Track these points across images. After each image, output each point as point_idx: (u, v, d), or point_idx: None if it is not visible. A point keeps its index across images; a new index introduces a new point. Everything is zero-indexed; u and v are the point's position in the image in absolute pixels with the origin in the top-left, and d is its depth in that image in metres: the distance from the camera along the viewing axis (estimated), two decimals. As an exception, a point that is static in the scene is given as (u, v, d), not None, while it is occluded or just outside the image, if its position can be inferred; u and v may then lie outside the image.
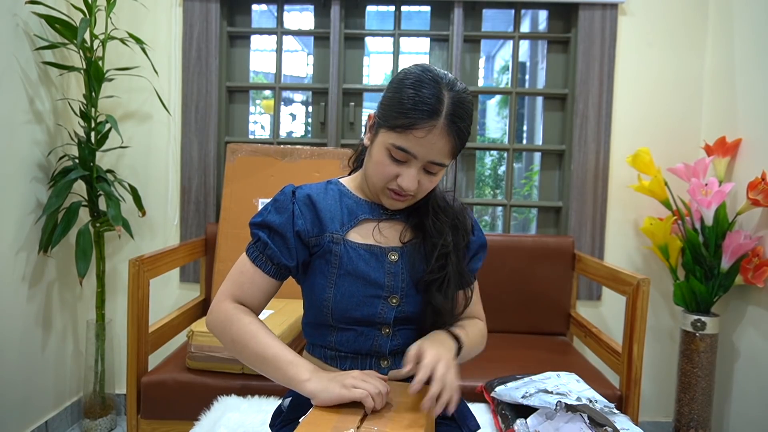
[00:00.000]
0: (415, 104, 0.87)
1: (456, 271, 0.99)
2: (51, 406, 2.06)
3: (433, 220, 0.99)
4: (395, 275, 0.96)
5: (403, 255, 0.98)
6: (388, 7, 2.35)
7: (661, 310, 2.26)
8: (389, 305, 0.96)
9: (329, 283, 0.95)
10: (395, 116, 0.88)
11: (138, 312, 1.59)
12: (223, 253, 2.02)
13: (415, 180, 0.92)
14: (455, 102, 0.88)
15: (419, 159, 0.90)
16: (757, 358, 1.89)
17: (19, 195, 1.86)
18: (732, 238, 1.86)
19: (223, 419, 1.31)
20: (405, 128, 0.87)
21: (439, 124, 0.87)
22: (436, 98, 0.87)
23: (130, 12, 2.16)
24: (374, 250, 0.97)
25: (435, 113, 0.87)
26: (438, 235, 0.98)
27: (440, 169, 0.93)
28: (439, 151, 0.89)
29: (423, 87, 0.88)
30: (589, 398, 1.17)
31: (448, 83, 0.89)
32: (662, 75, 2.21)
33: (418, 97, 0.87)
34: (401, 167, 0.91)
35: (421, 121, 0.86)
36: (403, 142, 0.89)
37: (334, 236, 0.96)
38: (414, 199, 0.97)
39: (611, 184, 2.22)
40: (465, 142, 0.93)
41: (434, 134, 0.87)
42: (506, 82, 4.13)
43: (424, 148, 0.88)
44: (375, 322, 0.96)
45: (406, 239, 0.99)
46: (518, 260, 2.09)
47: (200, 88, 2.22)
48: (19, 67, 1.84)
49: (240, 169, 2.07)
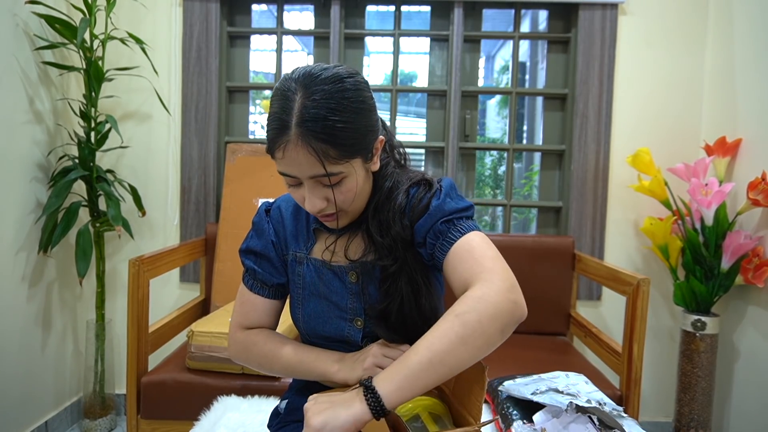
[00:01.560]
0: (270, 119, 0.79)
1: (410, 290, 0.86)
2: (51, 406, 2.06)
3: (376, 237, 0.87)
4: (357, 296, 0.91)
5: (362, 275, 0.90)
6: (388, 7, 2.35)
7: (661, 310, 2.26)
8: (355, 327, 0.92)
9: (297, 303, 0.96)
10: (267, 137, 0.81)
11: (138, 312, 1.59)
12: (223, 253, 2.02)
13: (315, 199, 0.82)
14: (307, 102, 0.76)
15: (301, 177, 0.80)
16: (757, 358, 1.89)
17: (19, 195, 1.86)
18: (732, 238, 1.86)
19: (223, 419, 1.31)
20: (270, 150, 0.80)
21: (290, 137, 0.76)
22: (282, 110, 0.77)
23: (130, 12, 2.16)
24: (335, 269, 0.92)
25: (284, 128, 0.76)
26: (384, 252, 0.86)
27: (338, 178, 0.79)
28: (307, 164, 0.77)
29: (273, 102, 0.80)
30: (598, 401, 1.17)
31: (304, 83, 0.77)
32: (662, 75, 2.21)
33: (272, 110, 0.79)
34: (301, 189, 0.83)
35: (276, 140, 0.77)
36: (277, 165, 0.81)
37: (297, 255, 0.95)
38: (347, 213, 0.87)
39: (611, 184, 2.22)
40: (344, 138, 0.77)
41: (290, 150, 0.76)
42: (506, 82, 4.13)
43: (292, 167, 0.79)
44: (346, 341, 0.94)
45: (354, 256, 0.90)
46: (518, 260, 2.08)
47: (200, 88, 2.22)
48: (19, 67, 1.84)
49: (240, 169, 2.07)
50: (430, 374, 0.71)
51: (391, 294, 0.86)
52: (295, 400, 0.99)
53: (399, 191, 0.88)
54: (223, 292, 2.00)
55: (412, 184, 0.89)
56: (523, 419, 1.17)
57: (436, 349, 0.71)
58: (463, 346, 0.71)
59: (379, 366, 0.83)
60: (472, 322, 0.71)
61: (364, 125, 0.80)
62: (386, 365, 0.78)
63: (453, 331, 0.71)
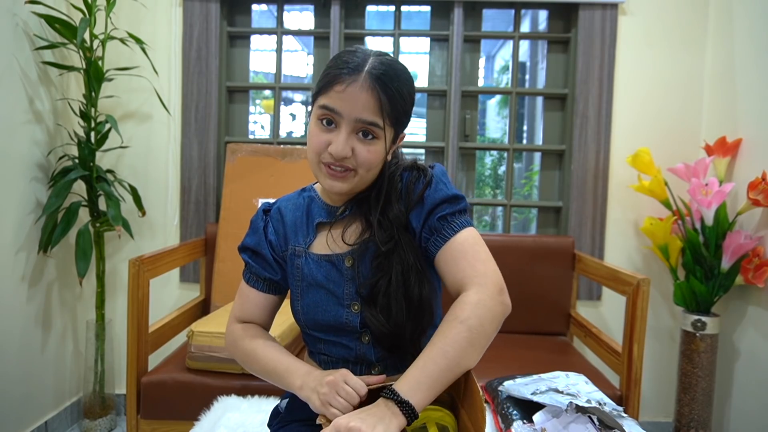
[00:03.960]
0: (337, 64, 0.88)
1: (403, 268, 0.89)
2: (51, 406, 2.06)
3: (374, 213, 0.92)
4: (353, 281, 0.93)
5: (356, 258, 0.93)
6: (388, 7, 2.35)
7: (661, 310, 2.26)
8: (352, 312, 0.94)
9: (297, 295, 0.98)
10: (321, 79, 0.89)
11: (138, 312, 1.60)
12: (223, 253, 2.02)
13: (346, 144, 0.87)
14: (380, 62, 0.87)
15: (345, 117, 0.86)
16: (757, 358, 1.89)
17: (19, 195, 1.86)
18: (732, 238, 1.86)
19: (223, 419, 1.31)
20: (327, 85, 0.87)
21: (360, 78, 0.85)
22: (360, 59, 0.87)
23: (130, 12, 2.16)
24: (332, 258, 0.95)
25: (356, 69, 0.86)
26: (380, 231, 0.91)
27: (376, 134, 0.87)
28: (364, 105, 0.85)
29: (350, 53, 0.89)
30: (598, 401, 1.17)
31: (377, 53, 0.89)
32: (662, 75, 2.21)
33: (343, 59, 0.88)
34: (331, 134, 0.88)
35: (342, 75, 0.86)
36: (325, 100, 0.87)
37: (296, 249, 0.98)
38: (356, 177, 0.90)
39: (611, 184, 2.22)
40: (398, 103, 0.88)
41: (355, 87, 0.85)
42: (506, 82, 4.13)
43: (346, 102, 0.85)
44: (346, 330, 0.95)
45: (350, 240, 0.94)
46: (518, 260, 2.08)
47: (200, 88, 2.22)
48: (19, 67, 1.84)
49: (240, 169, 2.07)
50: (448, 378, 0.81)
51: (381, 269, 0.90)
52: (296, 399, 0.99)
53: (395, 176, 0.96)
54: (223, 292, 2.00)
55: (405, 167, 0.97)
56: (523, 419, 1.17)
57: (451, 356, 0.80)
58: (471, 348, 0.82)
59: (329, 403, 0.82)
60: (476, 327, 0.82)
61: (409, 109, 0.92)
62: (336, 405, 0.82)
63: (462, 337, 0.81)
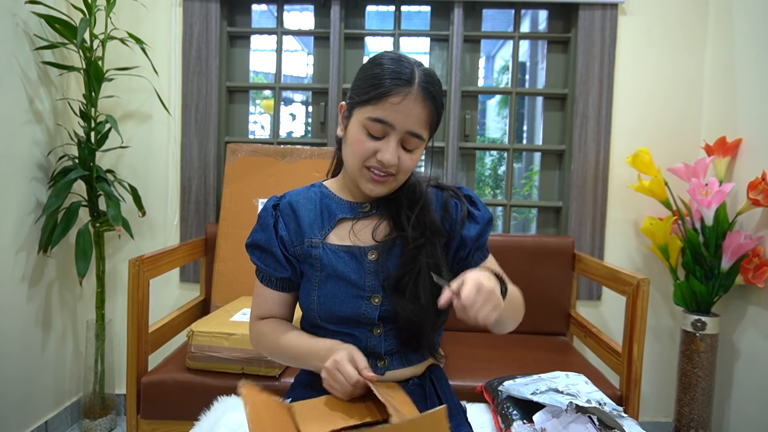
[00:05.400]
0: (389, 74, 0.89)
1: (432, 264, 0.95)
2: (51, 406, 2.06)
3: (407, 215, 0.97)
4: (375, 274, 0.96)
5: (382, 253, 0.97)
6: (388, 7, 2.35)
7: (661, 310, 2.26)
8: (372, 304, 0.96)
9: (313, 285, 0.98)
10: (370, 89, 0.89)
11: (138, 312, 1.59)
12: (223, 253, 2.02)
13: (395, 153, 0.90)
14: (425, 73, 0.91)
15: (397, 129, 0.89)
16: (757, 358, 1.88)
17: (19, 195, 1.86)
18: (732, 238, 1.86)
19: (223, 419, 1.30)
20: (380, 97, 0.88)
21: (413, 91, 0.88)
22: (408, 70, 0.90)
23: (130, 12, 2.16)
24: (353, 250, 0.97)
25: (409, 81, 0.88)
26: (412, 229, 0.95)
27: (418, 144, 0.92)
28: (417, 119, 0.89)
29: (395, 61, 0.91)
30: (598, 401, 1.18)
31: (417, 62, 0.92)
32: (662, 75, 2.21)
33: (392, 69, 0.89)
34: (379, 142, 0.90)
35: (396, 87, 0.88)
36: (379, 112, 0.89)
37: (313, 241, 0.98)
38: (395, 182, 0.95)
39: (611, 184, 2.22)
40: (440, 114, 0.94)
41: (410, 100, 0.88)
42: (506, 82, 4.13)
43: (400, 116, 0.88)
44: (362, 321, 0.96)
45: (380, 237, 0.97)
46: (518, 260, 2.08)
47: (200, 88, 2.22)
48: (19, 67, 1.84)
49: (240, 169, 2.07)
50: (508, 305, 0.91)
51: (410, 264, 0.94)
52: (301, 395, 1.00)
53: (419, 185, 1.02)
54: (223, 292, 2.00)
55: (438, 186, 1.04)
56: (523, 419, 1.17)
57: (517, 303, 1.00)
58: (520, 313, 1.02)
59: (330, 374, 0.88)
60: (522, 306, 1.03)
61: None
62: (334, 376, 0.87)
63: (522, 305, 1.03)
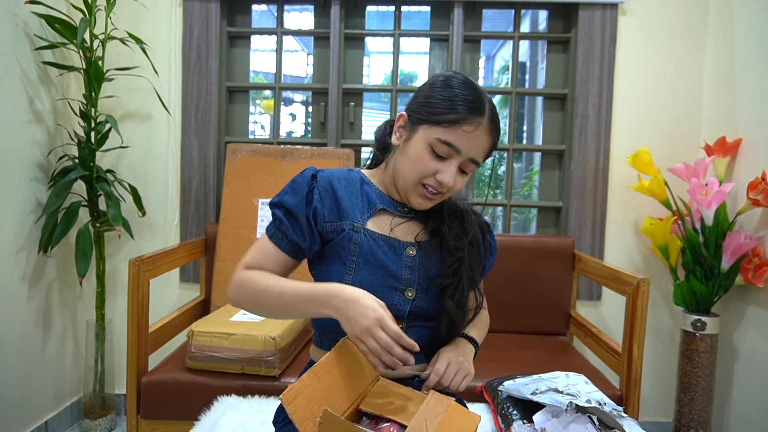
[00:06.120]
0: (465, 102, 0.93)
1: (469, 277, 1.02)
2: (51, 406, 2.06)
3: (449, 225, 1.03)
4: (412, 269, 0.99)
5: (420, 251, 1.01)
6: (388, 7, 2.35)
7: (661, 310, 2.26)
8: (405, 298, 0.99)
9: (348, 270, 0.97)
10: (444, 112, 0.93)
11: (138, 312, 1.59)
12: (223, 253, 2.02)
13: (454, 176, 0.95)
14: (492, 104, 0.97)
15: (462, 155, 0.94)
16: (757, 358, 1.88)
17: (19, 195, 1.86)
18: (732, 238, 1.86)
19: (223, 419, 1.31)
20: (454, 123, 0.92)
21: (484, 122, 0.94)
22: (480, 99, 0.94)
23: (130, 12, 2.16)
24: (393, 242, 1.00)
25: (481, 112, 0.94)
26: (454, 240, 1.02)
27: (474, 169, 0.98)
28: (482, 148, 0.96)
29: (469, 88, 0.95)
30: (598, 401, 1.17)
31: (485, 92, 0.97)
32: (662, 75, 2.21)
33: (467, 96, 0.93)
34: (441, 163, 0.95)
35: (471, 116, 0.92)
36: (450, 136, 0.93)
37: (355, 225, 0.99)
38: (441, 198, 1.00)
39: (611, 184, 2.22)
40: (497, 145, 1.01)
41: (480, 131, 0.94)
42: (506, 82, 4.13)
43: (469, 143, 0.94)
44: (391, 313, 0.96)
45: (421, 239, 1.02)
46: (518, 260, 2.08)
47: (200, 88, 2.22)
48: (19, 67, 1.84)
49: (240, 169, 2.07)
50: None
51: (452, 275, 1.00)
52: None
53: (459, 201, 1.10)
54: (223, 292, 2.00)
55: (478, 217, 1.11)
56: (523, 419, 1.17)
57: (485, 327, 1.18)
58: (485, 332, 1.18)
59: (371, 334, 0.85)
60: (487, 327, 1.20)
61: None
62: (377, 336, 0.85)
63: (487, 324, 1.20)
